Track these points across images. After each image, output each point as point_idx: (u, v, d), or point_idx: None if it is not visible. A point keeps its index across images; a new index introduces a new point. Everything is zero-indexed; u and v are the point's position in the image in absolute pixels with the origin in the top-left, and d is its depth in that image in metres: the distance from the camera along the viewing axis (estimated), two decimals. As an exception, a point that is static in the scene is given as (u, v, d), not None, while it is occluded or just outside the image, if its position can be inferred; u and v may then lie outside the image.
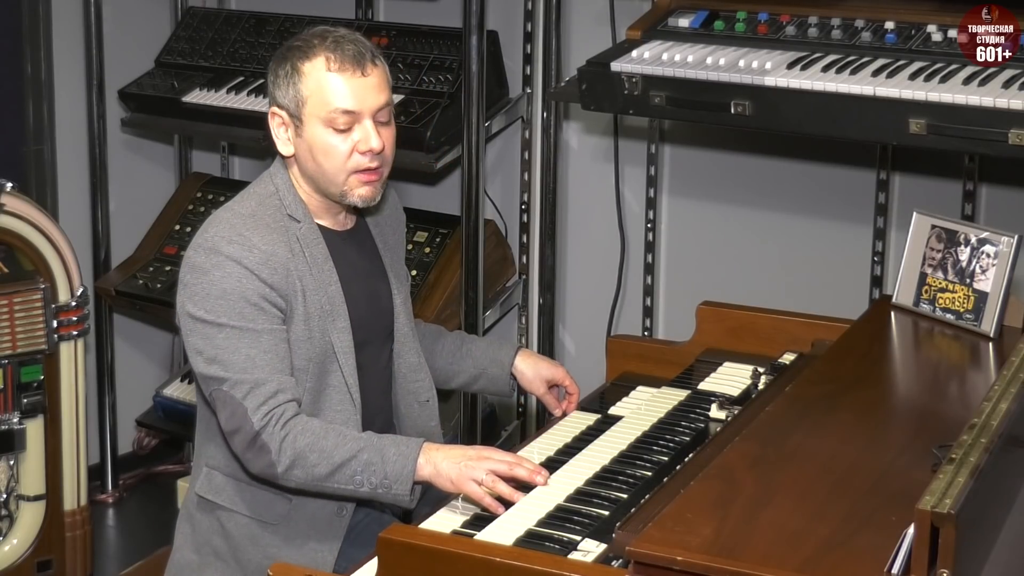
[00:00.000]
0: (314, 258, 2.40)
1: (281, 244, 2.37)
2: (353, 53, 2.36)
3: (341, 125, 2.35)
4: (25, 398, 3.39)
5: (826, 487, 1.95)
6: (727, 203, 3.63)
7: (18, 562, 3.45)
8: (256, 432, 2.29)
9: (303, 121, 2.37)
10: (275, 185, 2.44)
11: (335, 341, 2.41)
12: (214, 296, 2.32)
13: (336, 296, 2.42)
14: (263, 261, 2.33)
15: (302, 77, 2.36)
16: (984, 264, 2.53)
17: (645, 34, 3.22)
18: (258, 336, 2.32)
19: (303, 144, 2.38)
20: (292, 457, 2.29)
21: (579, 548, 2.01)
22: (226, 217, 2.39)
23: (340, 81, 2.34)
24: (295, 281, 2.37)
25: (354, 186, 2.39)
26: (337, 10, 4.05)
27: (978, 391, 2.25)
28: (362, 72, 2.36)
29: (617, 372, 2.86)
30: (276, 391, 2.31)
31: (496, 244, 3.80)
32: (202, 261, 2.35)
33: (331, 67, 2.35)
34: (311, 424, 2.32)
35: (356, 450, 2.29)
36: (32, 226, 3.40)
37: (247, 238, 2.34)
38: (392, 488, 2.27)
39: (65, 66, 4.10)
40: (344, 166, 2.37)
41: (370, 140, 2.35)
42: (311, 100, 2.35)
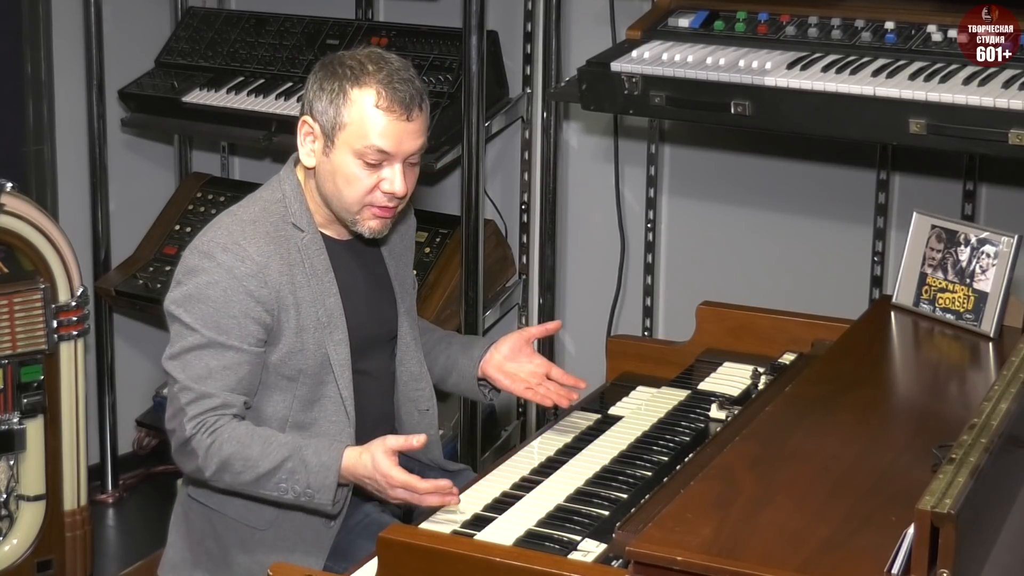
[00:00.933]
0: (314, 269, 2.40)
1: (277, 255, 2.36)
2: (404, 97, 2.32)
3: (372, 160, 2.33)
4: (25, 398, 3.39)
5: (826, 487, 1.95)
6: (727, 203, 3.63)
7: (18, 562, 3.45)
8: (187, 438, 2.33)
9: (334, 144, 2.34)
10: (283, 191, 2.43)
11: (331, 353, 2.41)
12: (196, 300, 2.34)
13: (335, 308, 2.42)
14: (254, 273, 2.33)
15: (348, 102, 2.32)
16: (984, 264, 2.53)
17: (645, 34, 3.22)
18: (224, 351, 2.33)
19: (327, 164, 2.37)
20: (218, 464, 2.32)
21: (579, 548, 2.01)
22: (226, 222, 2.39)
23: (384, 121, 2.31)
24: (288, 295, 2.36)
25: (366, 218, 2.38)
26: (337, 10, 4.05)
27: (978, 391, 2.25)
28: (408, 117, 2.33)
29: (617, 372, 2.86)
30: (218, 406, 2.33)
31: (496, 244, 3.80)
32: (195, 263, 2.36)
33: (380, 103, 2.31)
34: (237, 431, 2.33)
35: (280, 459, 2.30)
36: (32, 226, 3.39)
37: (242, 247, 2.34)
38: (314, 498, 2.30)
39: (65, 66, 4.10)
40: (362, 199, 2.35)
41: (395, 183, 2.34)
42: (350, 128, 2.32)
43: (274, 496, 2.33)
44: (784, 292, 3.46)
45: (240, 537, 2.43)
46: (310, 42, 3.95)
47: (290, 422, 2.41)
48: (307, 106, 2.38)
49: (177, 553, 2.51)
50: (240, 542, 2.43)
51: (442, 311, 3.61)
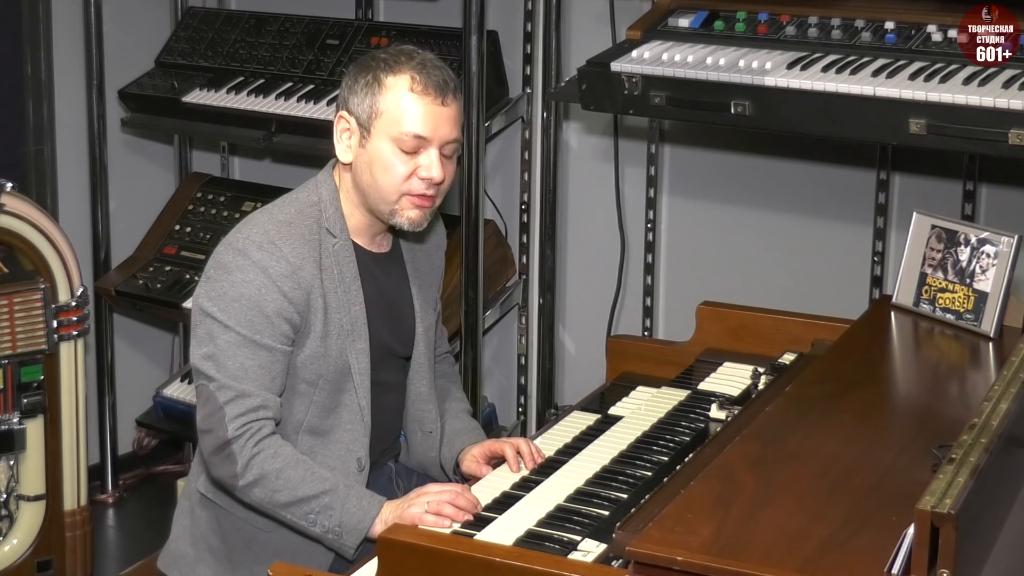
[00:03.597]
0: (343, 276, 2.40)
1: (310, 258, 2.36)
2: (439, 80, 2.34)
3: (408, 148, 2.34)
4: (25, 398, 3.39)
5: (826, 487, 1.95)
6: (727, 203, 3.63)
7: (18, 562, 3.45)
8: (228, 440, 2.31)
9: (371, 133, 2.35)
10: (319, 195, 2.43)
11: (353, 361, 2.41)
12: (230, 297, 2.33)
13: (359, 317, 2.42)
14: (288, 273, 2.33)
15: (383, 89, 2.34)
16: (984, 264, 2.53)
17: (645, 34, 3.22)
18: (258, 349, 2.33)
19: (364, 155, 2.37)
20: (257, 476, 2.31)
21: (579, 548, 2.01)
22: (262, 221, 2.39)
23: (419, 105, 2.33)
24: (318, 298, 2.36)
25: (405, 207, 2.38)
26: (337, 10, 4.05)
27: (978, 391, 2.25)
28: (443, 101, 2.34)
29: (617, 372, 2.86)
30: (259, 406, 2.32)
31: (496, 244, 3.80)
32: (229, 260, 2.35)
33: (414, 88, 2.33)
34: (284, 449, 2.33)
35: (320, 490, 2.31)
36: (32, 226, 3.39)
37: (278, 247, 2.33)
38: (342, 537, 2.30)
39: (65, 66, 4.10)
40: (400, 186, 2.35)
41: (432, 169, 2.35)
42: (386, 115, 2.34)
43: (300, 525, 2.33)
44: (784, 292, 3.46)
45: (245, 537, 2.43)
46: (310, 42, 3.95)
47: (305, 427, 2.42)
48: (342, 102, 2.40)
49: (180, 547, 2.51)
50: (245, 542, 2.43)
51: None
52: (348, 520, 2.29)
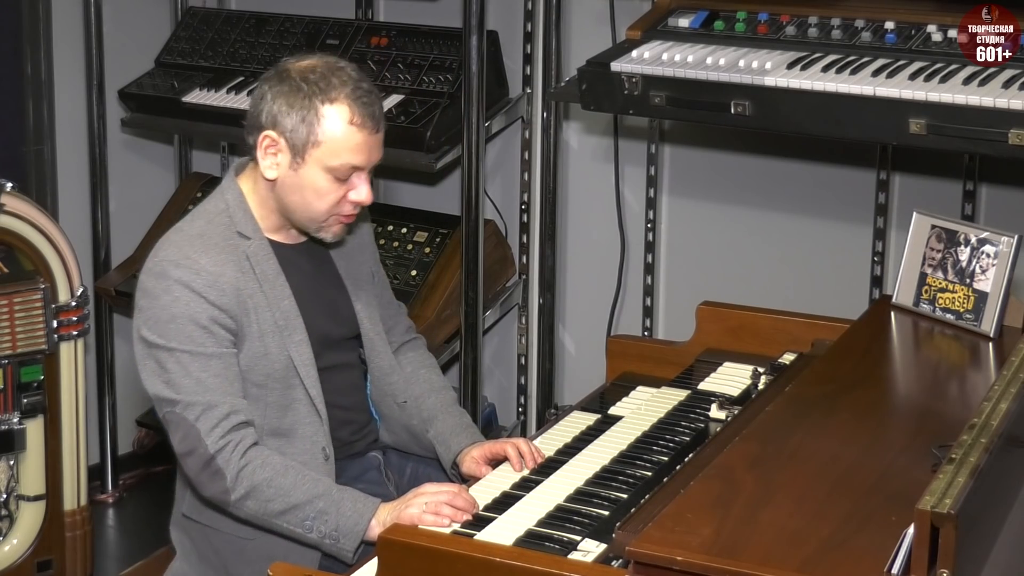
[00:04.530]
0: (265, 275, 2.41)
1: (230, 264, 2.38)
2: (374, 112, 2.36)
3: (343, 176, 2.36)
4: (25, 398, 3.39)
5: (826, 487, 1.95)
6: (727, 203, 3.63)
7: (18, 562, 3.44)
8: (211, 455, 2.31)
9: (305, 160, 2.36)
10: (226, 202, 2.44)
11: (294, 355, 2.42)
12: (164, 320, 2.34)
13: (290, 311, 2.43)
14: (210, 283, 2.34)
15: (319, 119, 2.33)
16: (984, 264, 2.53)
17: (645, 34, 3.22)
18: (208, 360, 2.33)
19: (294, 178, 2.38)
20: (248, 488, 2.31)
21: (579, 548, 2.01)
22: (175, 239, 2.41)
23: (358, 138, 2.35)
24: (245, 300, 2.38)
25: (331, 224, 2.43)
26: (337, 10, 4.05)
27: (978, 391, 2.25)
28: (377, 129, 2.37)
29: (617, 372, 2.86)
30: (228, 413, 2.32)
31: (496, 244, 3.80)
32: (152, 286, 2.37)
33: (353, 120, 2.34)
34: (272, 458, 2.34)
35: (313, 496, 2.31)
36: (32, 226, 3.39)
37: (194, 260, 2.35)
38: (339, 541, 2.30)
39: (65, 66, 4.10)
40: (330, 211, 2.40)
41: (362, 193, 2.39)
42: (324, 147, 2.34)
43: (296, 533, 2.33)
44: (784, 292, 3.46)
45: (235, 549, 2.44)
46: (310, 42, 3.95)
47: (267, 430, 2.42)
48: (268, 120, 2.37)
49: (184, 565, 2.53)
50: (237, 554, 2.44)
51: (442, 311, 3.61)
52: (344, 524, 2.29)
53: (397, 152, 3.58)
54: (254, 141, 2.40)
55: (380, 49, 3.82)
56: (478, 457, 2.50)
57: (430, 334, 3.58)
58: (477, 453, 2.51)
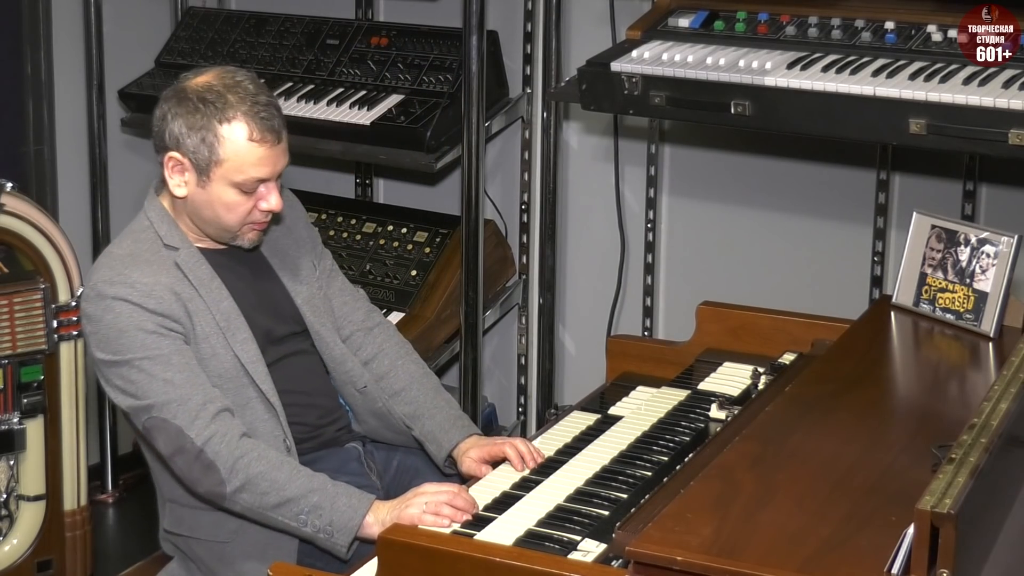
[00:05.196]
0: (200, 280, 2.45)
1: (162, 274, 2.41)
2: (273, 124, 2.40)
3: (251, 189, 2.42)
4: (25, 398, 3.39)
5: (826, 487, 1.95)
6: (727, 203, 3.63)
7: (18, 562, 3.44)
8: (199, 448, 2.33)
9: (211, 178, 2.41)
10: (149, 219, 2.49)
11: (240, 354, 2.44)
12: (112, 337, 2.37)
13: (231, 311, 2.46)
14: (146, 294, 2.37)
15: (220, 141, 2.38)
16: (984, 264, 2.53)
17: (645, 34, 3.22)
18: (168, 360, 2.36)
19: (203, 195, 2.43)
20: (243, 481, 2.32)
21: (579, 548, 2.01)
22: (105, 262, 2.45)
23: (259, 153, 2.39)
24: (185, 304, 2.41)
25: (245, 232, 2.48)
26: (337, 10, 4.05)
27: (978, 391, 2.25)
28: (277, 140, 2.41)
29: (617, 372, 2.86)
30: (204, 403, 2.34)
31: (496, 244, 3.80)
32: (93, 310, 2.40)
33: (253, 137, 2.39)
34: (267, 452, 2.35)
35: (308, 490, 2.32)
36: (32, 226, 3.39)
37: (127, 276, 2.38)
38: (334, 536, 2.30)
39: (65, 66, 4.10)
40: (243, 221, 2.45)
41: (272, 202, 2.44)
42: (227, 164, 2.40)
43: (291, 527, 2.34)
44: (784, 292, 3.46)
45: (216, 554, 2.46)
46: (310, 42, 3.95)
47: None
48: (171, 141, 2.41)
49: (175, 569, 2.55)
50: (218, 557, 2.46)
51: (442, 311, 3.61)
52: (338, 519, 2.29)
53: (397, 152, 3.59)
54: (160, 161, 2.45)
55: (380, 49, 3.82)
56: (477, 458, 2.50)
57: (430, 334, 3.58)
58: (476, 455, 2.51)
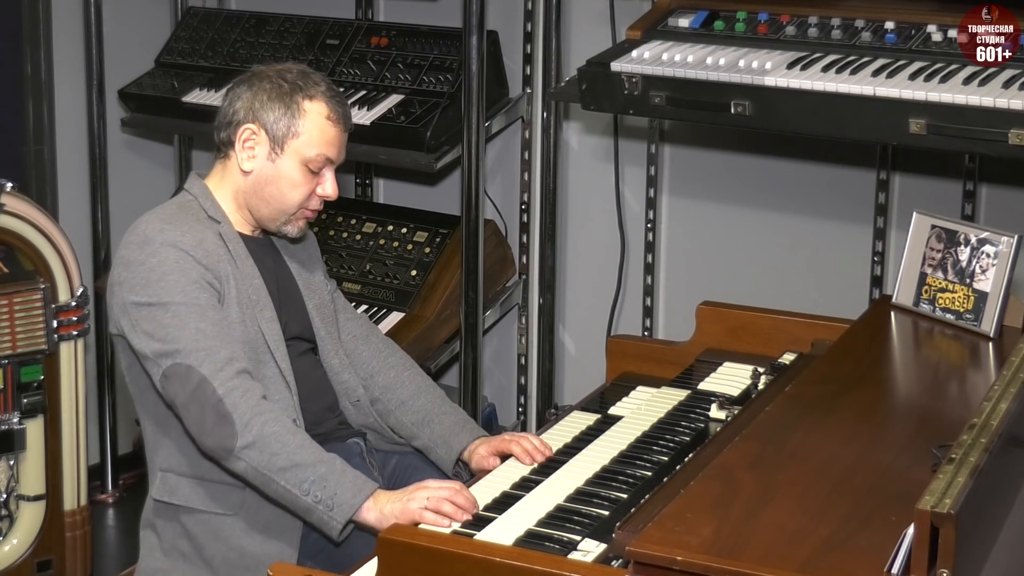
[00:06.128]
0: (237, 253, 2.50)
1: (207, 235, 2.46)
2: (346, 112, 2.55)
3: (316, 168, 2.49)
4: (25, 398, 3.39)
5: (826, 487, 1.95)
6: (727, 203, 3.63)
7: (18, 562, 3.44)
8: (219, 398, 2.32)
9: (283, 151, 2.49)
10: (192, 194, 2.54)
11: (264, 330, 2.48)
12: (154, 280, 2.38)
13: (260, 289, 2.51)
14: (195, 244, 2.42)
15: (301, 113, 2.49)
16: (984, 264, 2.53)
17: (645, 34, 3.22)
18: (203, 311, 2.38)
19: (271, 169, 2.49)
20: (256, 437, 2.31)
21: (579, 548, 2.01)
22: (151, 218, 2.47)
23: (333, 132, 2.51)
24: (226, 266, 2.45)
25: (298, 219, 2.54)
26: (337, 10, 4.05)
27: (978, 391, 2.25)
28: (346, 128, 2.55)
29: (617, 372, 2.86)
30: (230, 358, 2.35)
31: (496, 244, 3.80)
32: (136, 255, 2.41)
33: (331, 117, 2.50)
34: (284, 417, 2.36)
35: (317, 460, 2.32)
36: (32, 226, 3.39)
37: (177, 225, 2.43)
38: (333, 510, 2.30)
39: (65, 66, 4.10)
40: (301, 203, 2.52)
41: (328, 188, 2.52)
42: (304, 138, 2.48)
43: (292, 494, 2.31)
44: (784, 292, 3.46)
45: (212, 527, 2.44)
46: (310, 42, 3.95)
47: None
48: (247, 115, 2.49)
49: (151, 564, 2.53)
50: (213, 532, 2.44)
51: (442, 311, 3.61)
52: (342, 494, 2.30)
53: (397, 152, 3.59)
54: (229, 136, 2.51)
55: (380, 49, 3.82)
56: (486, 452, 2.53)
57: (430, 334, 3.58)
58: (485, 449, 2.54)
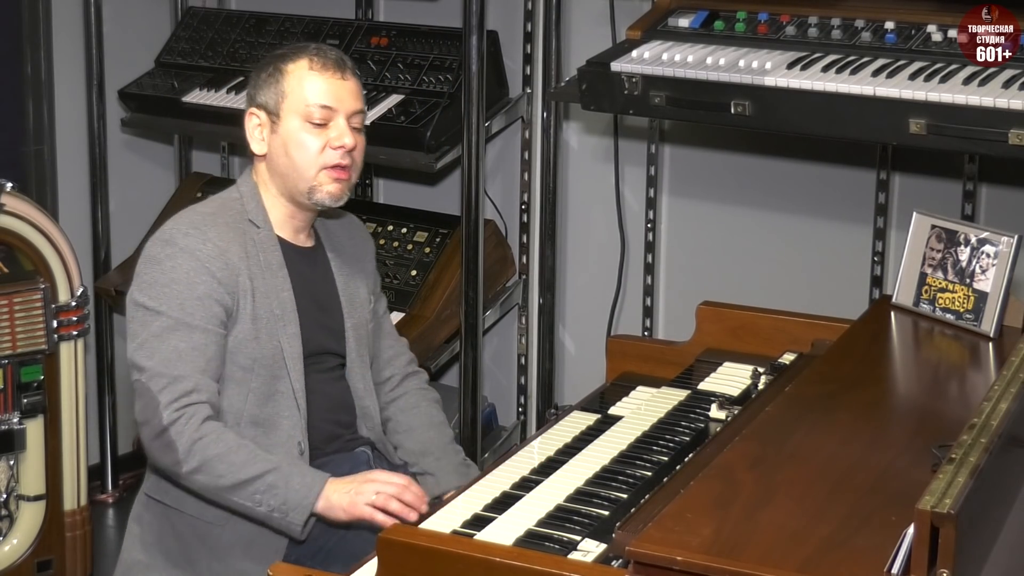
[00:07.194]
0: (268, 263, 2.45)
1: (236, 243, 2.43)
2: (335, 57, 2.50)
3: (317, 119, 2.45)
4: (25, 398, 3.39)
5: (826, 487, 1.94)
6: (727, 203, 3.63)
7: (18, 562, 3.44)
8: (164, 427, 2.32)
9: (280, 117, 2.47)
10: (240, 192, 2.52)
11: (284, 346, 2.44)
12: (161, 284, 2.38)
13: (287, 302, 2.46)
14: (215, 255, 2.39)
15: (284, 75, 2.48)
16: (984, 264, 2.53)
17: (645, 34, 3.22)
18: (191, 331, 2.36)
19: (278, 140, 2.47)
20: (200, 462, 2.32)
21: (579, 548, 2.01)
22: (186, 214, 2.48)
23: (321, 80, 2.47)
24: (246, 280, 2.41)
25: (324, 182, 2.46)
26: (337, 10, 4.05)
27: (978, 391, 2.25)
28: (341, 76, 2.48)
29: (617, 372, 2.86)
30: (191, 389, 2.34)
31: (496, 244, 3.80)
32: (157, 252, 2.42)
33: (313, 67, 2.47)
34: (226, 435, 2.35)
35: (263, 471, 2.32)
36: (32, 226, 3.39)
37: (203, 231, 2.41)
38: (288, 515, 2.31)
39: (65, 66, 4.10)
40: (316, 160, 2.45)
41: (343, 137, 2.45)
42: (291, 96, 2.46)
43: (246, 507, 2.34)
44: (784, 292, 3.46)
45: (199, 533, 2.45)
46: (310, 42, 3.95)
47: (246, 417, 2.43)
48: (249, 101, 2.52)
49: (132, 555, 2.53)
50: (199, 538, 2.45)
51: (442, 311, 3.61)
52: (292, 497, 2.30)
53: (397, 152, 3.59)
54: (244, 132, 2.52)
55: (380, 49, 3.82)
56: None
57: (430, 334, 3.58)
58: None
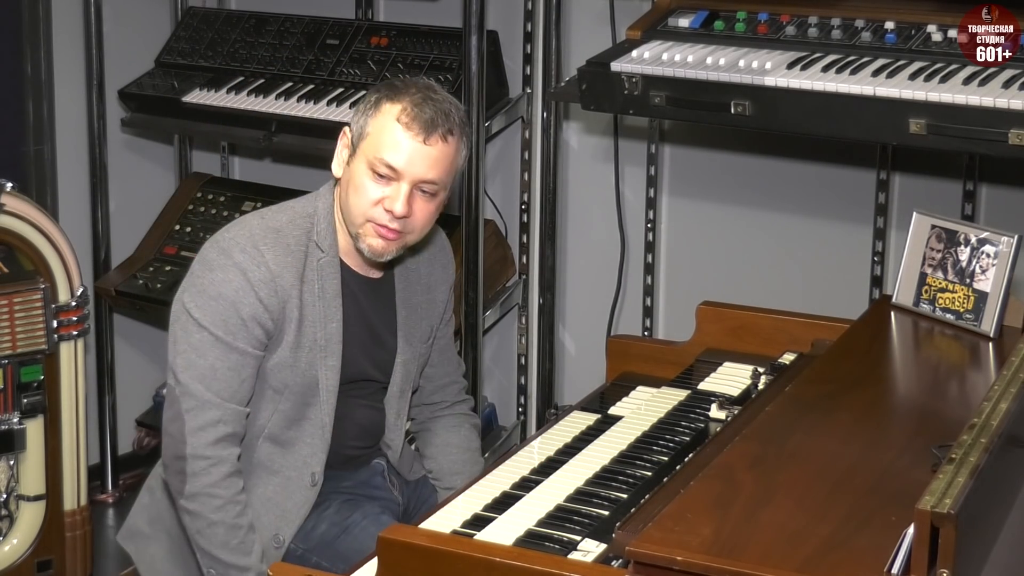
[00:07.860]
0: (324, 291, 2.41)
1: (292, 268, 2.37)
2: (428, 118, 2.32)
3: (381, 172, 2.33)
4: (25, 398, 3.39)
5: (826, 487, 1.94)
6: (727, 203, 3.63)
7: (18, 562, 3.44)
8: (184, 455, 2.33)
9: (357, 152, 2.37)
10: (315, 207, 2.45)
11: (321, 377, 2.42)
12: (208, 295, 2.35)
13: (334, 334, 2.42)
14: (267, 279, 2.34)
15: (377, 113, 2.35)
16: (984, 264, 2.53)
17: (645, 34, 3.22)
18: (230, 352, 2.34)
19: (348, 172, 2.39)
20: (195, 510, 2.33)
21: (579, 548, 2.01)
22: (252, 223, 2.40)
23: (401, 137, 2.32)
24: (294, 309, 2.37)
25: (368, 233, 2.37)
26: (337, 10, 4.05)
27: (978, 391, 2.25)
28: (424, 139, 2.32)
29: (617, 372, 2.86)
30: (218, 420, 2.33)
31: (496, 244, 3.80)
32: (213, 258, 2.37)
33: (401, 118, 2.32)
34: (232, 508, 2.34)
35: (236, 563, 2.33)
36: (32, 226, 3.39)
37: (260, 252, 2.35)
38: None
39: (65, 66, 4.10)
40: (365, 211, 2.36)
41: (396, 203, 2.33)
42: (370, 137, 2.34)
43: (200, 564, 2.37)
44: (784, 292, 3.46)
45: None
46: (310, 42, 3.95)
47: (267, 434, 2.43)
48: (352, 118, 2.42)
49: (137, 523, 2.57)
50: None
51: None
52: None
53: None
54: None
55: (380, 49, 3.82)
56: None
57: (430, 334, 3.58)
58: None
